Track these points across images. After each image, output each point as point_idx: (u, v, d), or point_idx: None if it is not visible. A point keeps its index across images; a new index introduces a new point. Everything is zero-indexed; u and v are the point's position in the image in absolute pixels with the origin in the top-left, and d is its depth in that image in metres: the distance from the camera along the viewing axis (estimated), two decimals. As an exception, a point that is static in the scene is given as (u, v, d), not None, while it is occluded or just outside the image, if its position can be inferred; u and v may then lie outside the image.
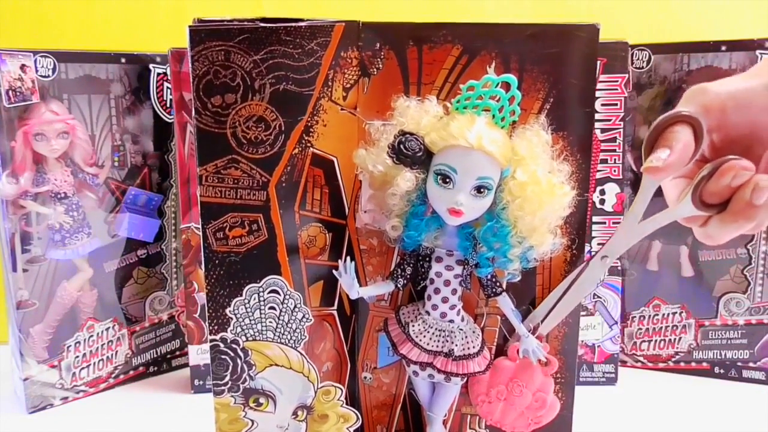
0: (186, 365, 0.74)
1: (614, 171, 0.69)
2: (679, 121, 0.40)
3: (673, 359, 0.76)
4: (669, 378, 0.75)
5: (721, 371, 0.74)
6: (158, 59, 0.71)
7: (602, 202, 0.69)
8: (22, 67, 0.62)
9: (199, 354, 0.71)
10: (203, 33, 0.44)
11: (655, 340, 0.76)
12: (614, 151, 0.68)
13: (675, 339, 0.75)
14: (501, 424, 0.52)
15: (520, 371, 0.50)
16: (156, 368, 0.76)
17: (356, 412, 0.53)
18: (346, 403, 0.53)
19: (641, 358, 0.77)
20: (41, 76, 0.63)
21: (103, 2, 0.82)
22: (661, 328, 0.75)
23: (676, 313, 0.75)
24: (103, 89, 0.67)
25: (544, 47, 0.46)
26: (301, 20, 0.45)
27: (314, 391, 0.51)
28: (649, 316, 0.75)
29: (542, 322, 0.50)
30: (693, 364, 0.75)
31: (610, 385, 0.73)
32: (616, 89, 0.67)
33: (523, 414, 0.51)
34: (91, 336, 0.70)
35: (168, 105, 0.72)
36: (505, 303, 0.49)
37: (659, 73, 0.71)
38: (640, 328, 0.76)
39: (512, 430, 0.52)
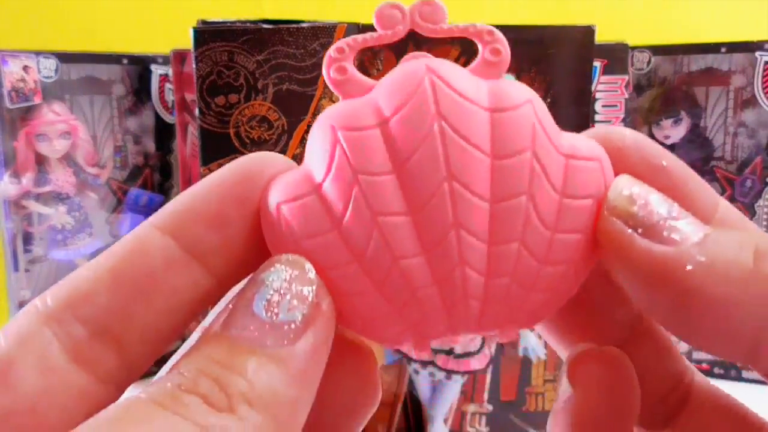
0: (187, 365, 0.74)
1: (614, 172, 0.69)
2: None
3: (673, 359, 0.76)
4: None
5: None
6: (160, 60, 0.71)
7: (602, 202, 0.69)
8: (25, 67, 0.62)
9: (200, 354, 0.71)
10: (207, 34, 0.45)
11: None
12: (614, 152, 0.68)
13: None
14: None
15: None
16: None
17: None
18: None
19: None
20: (43, 77, 0.63)
21: (105, 3, 0.83)
22: (661, 328, 0.75)
23: (675, 313, 0.75)
24: (104, 90, 0.67)
25: (541, 48, 0.47)
26: (303, 21, 0.46)
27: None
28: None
29: None
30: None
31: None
32: (617, 91, 0.67)
33: None
34: (93, 336, 0.70)
35: (170, 106, 0.72)
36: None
37: (659, 75, 0.71)
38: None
39: None
